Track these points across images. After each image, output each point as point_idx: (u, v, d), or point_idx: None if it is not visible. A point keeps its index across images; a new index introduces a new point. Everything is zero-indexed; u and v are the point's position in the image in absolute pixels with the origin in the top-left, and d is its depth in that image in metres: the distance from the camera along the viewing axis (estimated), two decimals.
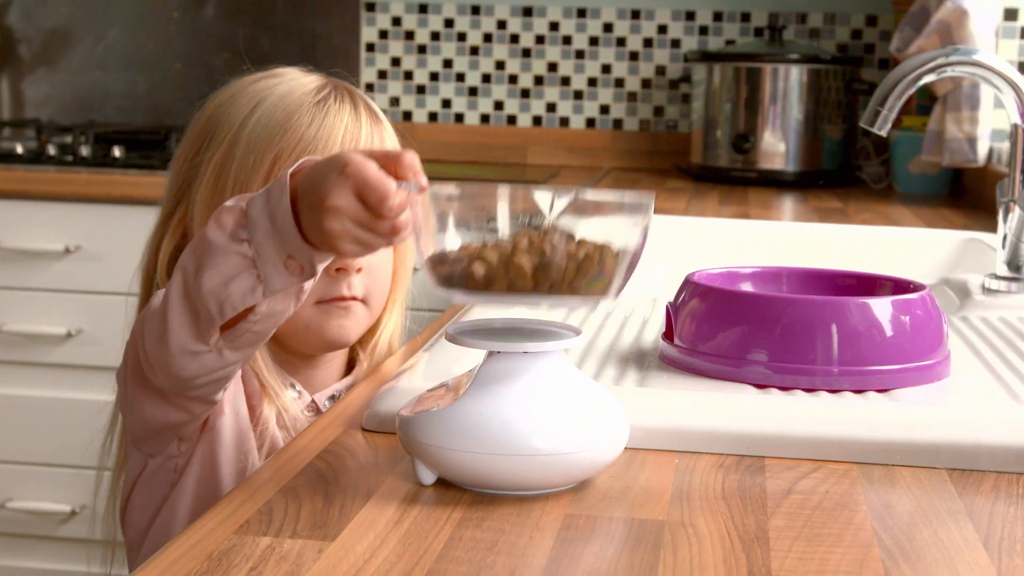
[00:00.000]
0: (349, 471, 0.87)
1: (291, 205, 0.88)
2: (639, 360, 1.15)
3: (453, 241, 0.81)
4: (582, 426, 0.82)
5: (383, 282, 1.22)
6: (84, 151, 2.66)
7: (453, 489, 0.84)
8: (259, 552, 0.73)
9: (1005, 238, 1.42)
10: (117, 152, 2.63)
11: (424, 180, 0.85)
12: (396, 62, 3.21)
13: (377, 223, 0.85)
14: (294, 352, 1.22)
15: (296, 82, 1.20)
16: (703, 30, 3.12)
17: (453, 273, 0.81)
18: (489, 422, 0.81)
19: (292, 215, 0.88)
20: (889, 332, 1.05)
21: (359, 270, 1.18)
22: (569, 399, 0.83)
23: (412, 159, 0.85)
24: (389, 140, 1.22)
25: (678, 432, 0.93)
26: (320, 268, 0.90)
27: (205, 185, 1.17)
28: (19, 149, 2.66)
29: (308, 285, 0.93)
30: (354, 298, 1.19)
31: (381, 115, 1.23)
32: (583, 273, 0.80)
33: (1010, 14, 2.41)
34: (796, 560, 0.74)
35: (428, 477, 0.84)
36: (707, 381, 1.06)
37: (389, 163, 0.84)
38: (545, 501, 0.82)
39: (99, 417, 1.28)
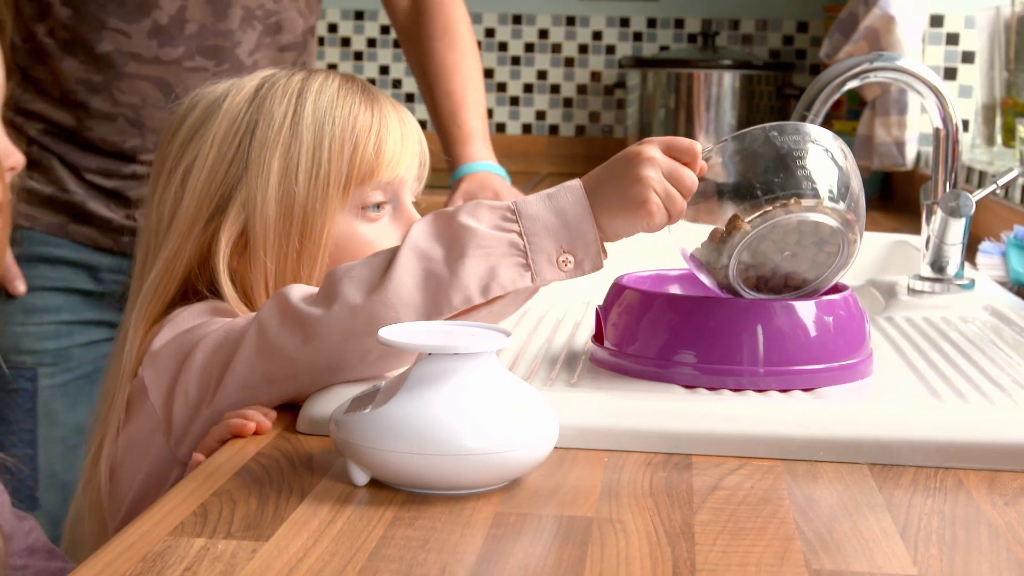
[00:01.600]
0: (283, 473, 0.88)
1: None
2: (570, 362, 1.17)
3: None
4: (512, 426, 0.84)
5: None
6: None
7: (386, 489, 0.85)
8: (193, 553, 0.74)
9: (928, 240, 1.45)
10: None
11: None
12: (332, 68, 3.22)
13: (682, 176, 1.00)
14: None
15: (317, 76, 1.20)
16: (637, 36, 3.15)
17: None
18: (421, 423, 0.83)
19: (591, 211, 1.00)
20: (813, 332, 1.07)
21: None
22: (499, 400, 0.85)
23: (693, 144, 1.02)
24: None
25: (607, 431, 0.95)
26: (599, 263, 1.01)
27: (272, 178, 1.14)
28: None
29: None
30: None
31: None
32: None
33: (936, 20, 2.46)
34: (720, 553, 0.76)
35: (361, 478, 0.86)
36: (636, 382, 1.08)
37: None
38: (476, 500, 0.84)
39: None
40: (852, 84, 1.41)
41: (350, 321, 0.98)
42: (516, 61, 3.18)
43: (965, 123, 2.38)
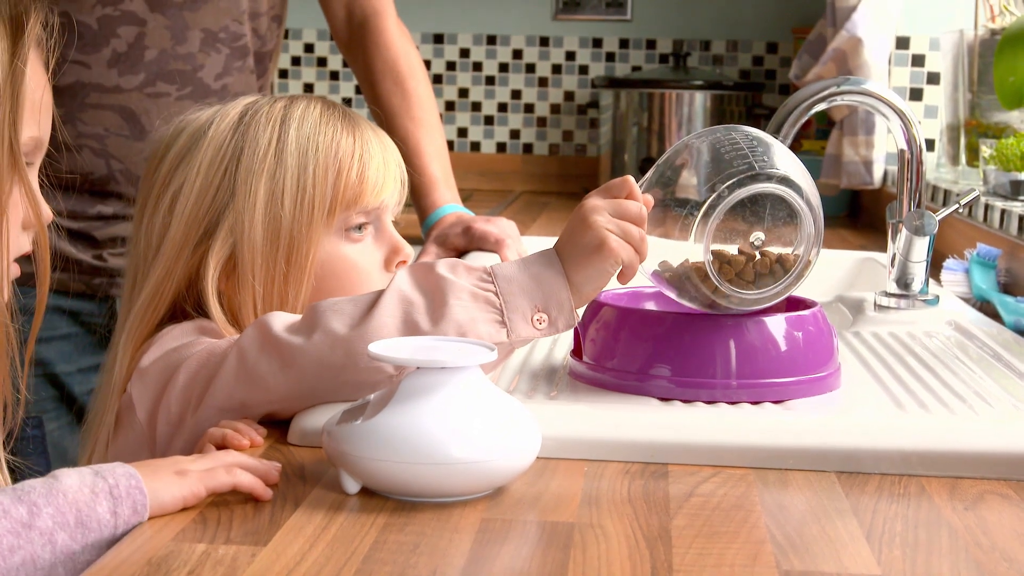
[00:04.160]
0: (277, 482, 0.92)
1: None
2: (550, 376, 1.21)
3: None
4: (497, 436, 0.88)
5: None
6: None
7: (376, 497, 0.89)
8: (196, 557, 0.78)
9: (894, 257, 1.49)
10: None
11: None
12: (309, 88, 3.25)
13: (627, 208, 1.05)
14: None
15: (299, 102, 1.24)
16: (610, 57, 3.20)
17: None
18: (410, 433, 0.86)
19: (562, 272, 1.05)
20: (783, 347, 1.12)
21: None
22: (485, 411, 0.89)
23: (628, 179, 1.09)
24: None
25: (587, 442, 0.99)
26: (572, 321, 1.05)
27: (259, 203, 1.18)
28: None
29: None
30: None
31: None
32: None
33: (902, 42, 2.52)
34: (696, 555, 0.80)
35: (352, 487, 0.90)
36: (613, 395, 1.12)
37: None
38: (463, 507, 0.88)
39: None
40: (820, 107, 1.45)
41: (328, 352, 1.01)
42: (491, 81, 3.22)
43: (931, 143, 2.43)
